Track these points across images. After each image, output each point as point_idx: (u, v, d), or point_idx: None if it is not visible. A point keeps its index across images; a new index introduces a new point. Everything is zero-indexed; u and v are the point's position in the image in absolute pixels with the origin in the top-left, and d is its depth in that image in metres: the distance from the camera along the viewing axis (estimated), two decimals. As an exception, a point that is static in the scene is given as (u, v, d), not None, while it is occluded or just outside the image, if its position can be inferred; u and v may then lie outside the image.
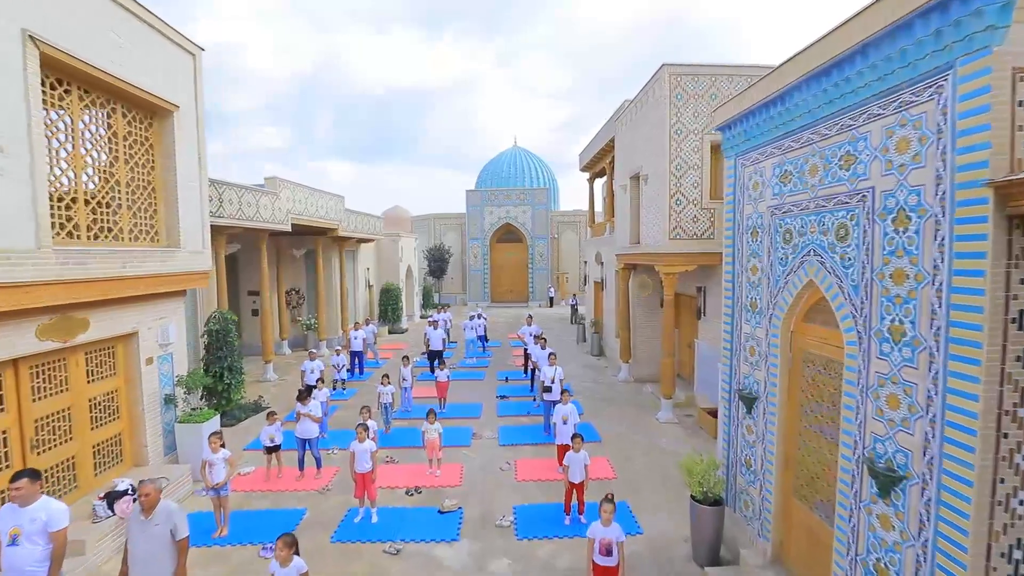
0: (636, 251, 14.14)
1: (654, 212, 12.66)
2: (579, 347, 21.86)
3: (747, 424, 6.78)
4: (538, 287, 38.03)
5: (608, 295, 19.43)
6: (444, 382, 13.17)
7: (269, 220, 15.81)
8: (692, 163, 11.92)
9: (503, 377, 16.61)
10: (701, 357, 13.25)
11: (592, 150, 20.82)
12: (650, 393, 14.80)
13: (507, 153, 43.84)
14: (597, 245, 21.26)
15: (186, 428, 9.47)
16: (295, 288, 22.51)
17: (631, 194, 14.71)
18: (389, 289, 25.84)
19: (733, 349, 7.18)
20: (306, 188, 18.07)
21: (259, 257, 16.98)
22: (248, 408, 13.57)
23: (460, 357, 19.80)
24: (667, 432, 11.81)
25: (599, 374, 17.23)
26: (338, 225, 20.37)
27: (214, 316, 12.98)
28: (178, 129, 9.40)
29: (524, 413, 13.15)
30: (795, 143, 5.65)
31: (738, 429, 7.03)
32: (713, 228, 12.04)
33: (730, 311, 7.26)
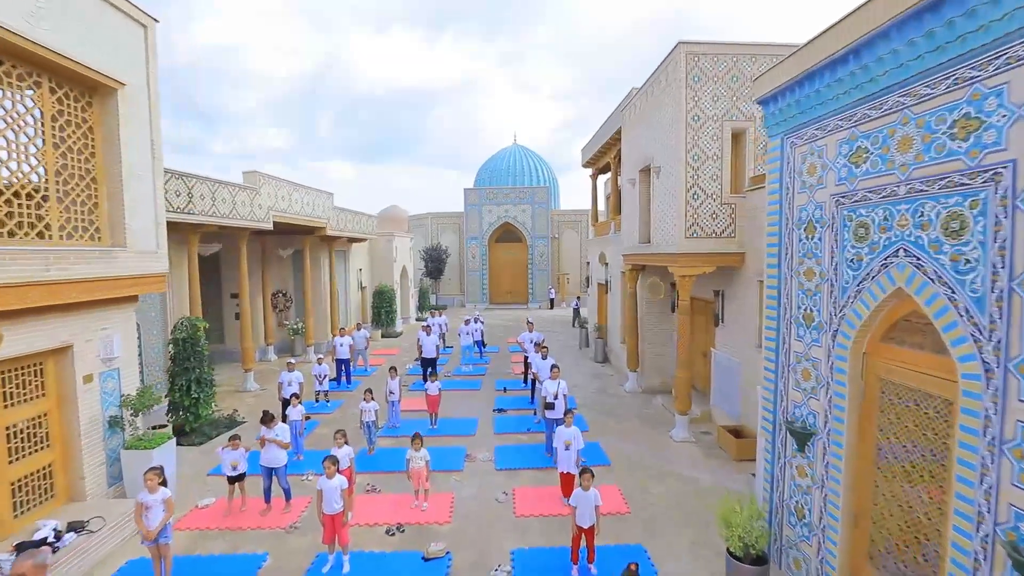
0: (646, 251, 12.80)
1: (668, 208, 11.32)
2: (582, 353, 20.51)
3: (798, 464, 5.45)
4: (538, 288, 36.68)
5: (613, 298, 18.09)
6: (435, 395, 11.83)
7: (247, 218, 14.47)
8: (711, 153, 10.58)
9: (501, 387, 15.27)
10: (718, 368, 11.91)
11: (596, 144, 19.48)
12: (661, 406, 13.46)
13: (507, 151, 42.49)
14: (601, 245, 19.91)
15: (134, 455, 8.12)
16: (282, 290, 21.16)
17: (640, 189, 13.38)
18: (383, 291, 24.49)
19: (779, 371, 5.85)
20: (290, 184, 16.72)
21: (238, 257, 15.62)
22: (221, 423, 12.24)
23: (456, 363, 18.46)
24: (683, 453, 10.47)
25: (604, 383, 15.88)
26: (326, 224, 19.02)
27: (181, 323, 11.63)
28: (124, 110, 8.05)
29: (524, 430, 11.81)
30: (875, 110, 4.32)
31: (785, 469, 5.70)
32: (734, 225, 10.70)
33: (774, 324, 5.92)
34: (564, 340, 23.27)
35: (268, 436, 8.14)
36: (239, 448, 8.12)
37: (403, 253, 27.98)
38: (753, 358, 10.36)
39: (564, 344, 22.33)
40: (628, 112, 14.32)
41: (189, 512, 8.31)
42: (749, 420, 10.56)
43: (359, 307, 24.89)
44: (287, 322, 20.79)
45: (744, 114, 10.62)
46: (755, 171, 10.72)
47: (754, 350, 10.35)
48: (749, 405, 10.57)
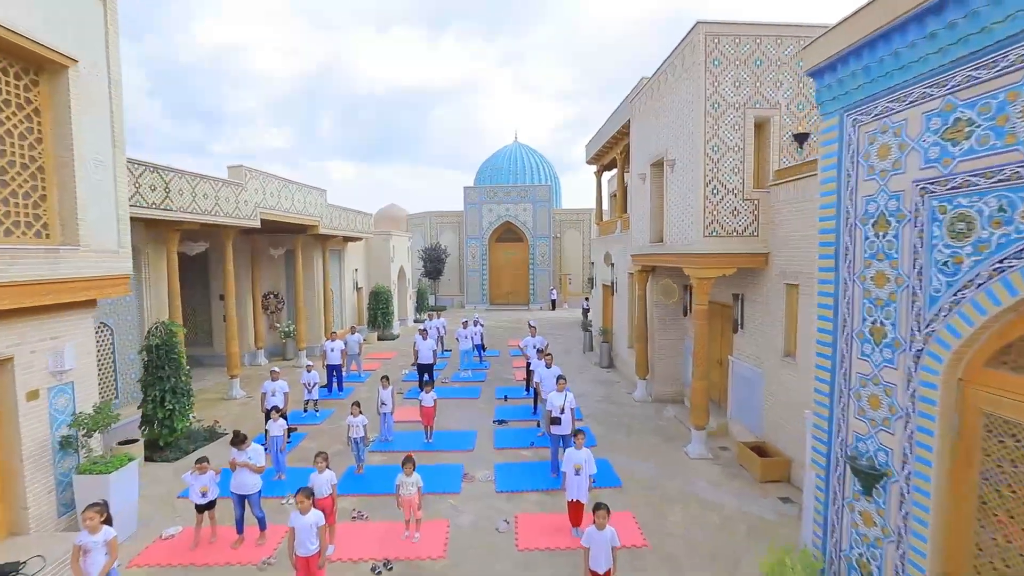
0: (659, 251, 11.81)
1: (683, 204, 10.34)
2: (586, 358, 19.52)
3: (863, 509, 4.47)
4: (539, 289, 35.70)
5: (620, 300, 17.11)
6: (430, 407, 10.85)
7: (232, 215, 13.49)
8: (732, 144, 9.60)
9: (501, 396, 14.28)
10: (737, 378, 10.94)
11: (601, 139, 18.49)
12: (673, 417, 12.48)
13: (507, 149, 41.49)
14: (606, 244, 18.93)
15: (89, 481, 7.14)
16: (273, 292, 20.18)
17: (652, 185, 12.39)
18: (379, 292, 23.52)
19: (834, 394, 4.87)
20: (279, 179, 15.74)
21: (223, 257, 14.64)
22: (200, 436, 11.25)
23: (454, 368, 17.48)
24: (701, 472, 9.49)
25: (611, 391, 14.90)
26: (319, 221, 18.03)
27: (154, 329, 10.65)
28: (76, 91, 7.07)
29: (527, 445, 10.82)
30: (986, 70, 3.34)
31: (843, 513, 4.72)
32: (757, 223, 9.71)
33: (829, 339, 4.94)
34: (567, 343, 22.28)
35: (239, 460, 7.15)
36: (207, 472, 7.14)
37: (401, 253, 27.01)
38: (778, 369, 9.39)
39: (567, 348, 21.34)
40: (638, 102, 13.33)
41: (152, 544, 7.34)
42: (772, 436, 9.59)
43: (355, 309, 23.91)
44: (278, 324, 19.81)
45: (768, 101, 9.63)
46: (780, 163, 9.74)
47: (779, 360, 9.38)
48: (773, 420, 9.60)
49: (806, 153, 9.73)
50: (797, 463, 8.82)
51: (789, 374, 9.10)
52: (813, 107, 9.69)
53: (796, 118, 9.72)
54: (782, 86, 9.63)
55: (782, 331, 9.34)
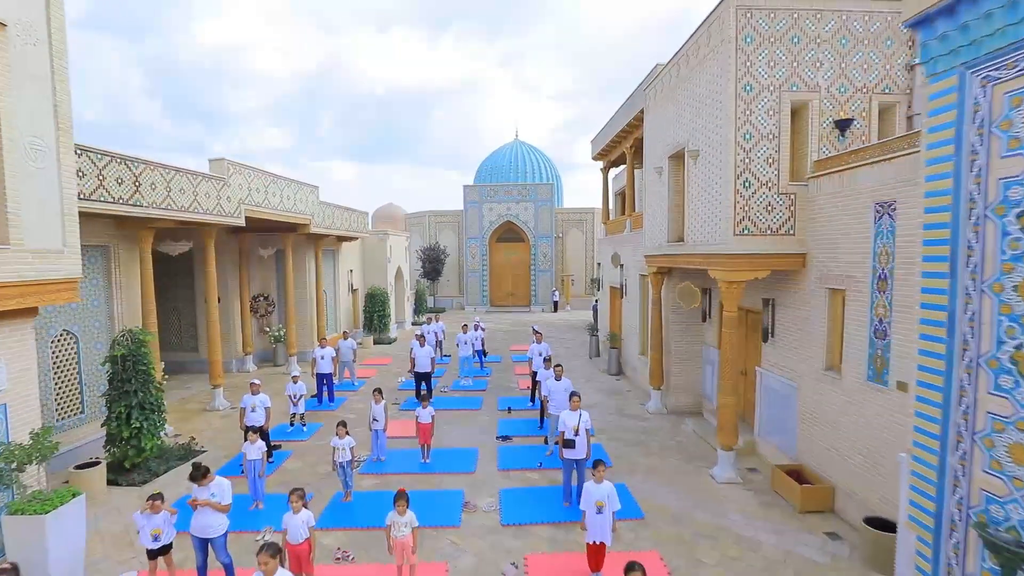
0: (678, 252, 10.68)
1: (709, 200, 9.21)
2: (593, 364, 18.39)
3: (996, 593, 3.35)
4: (541, 290, 34.57)
5: (629, 304, 15.98)
6: (427, 424, 9.72)
7: (213, 212, 12.34)
8: (766, 131, 8.47)
9: (505, 407, 13.15)
10: (767, 392, 9.82)
11: (609, 133, 17.37)
12: (692, 432, 11.36)
13: (508, 147, 40.34)
14: (614, 244, 17.80)
15: (20, 523, 5.99)
16: (263, 294, 19.02)
17: (670, 179, 11.26)
18: (375, 294, 22.38)
19: (948, 438, 3.75)
20: (267, 174, 14.59)
21: (205, 257, 13.49)
22: (174, 454, 10.10)
23: (453, 376, 16.35)
24: (732, 500, 8.36)
25: (622, 402, 13.76)
26: (310, 220, 16.89)
27: (120, 337, 9.50)
28: (4, 60, 5.93)
29: (534, 465, 9.69)
30: None
31: (961, 591, 3.60)
32: (793, 220, 8.59)
33: (941, 365, 3.82)
34: (573, 348, 21.15)
35: (200, 498, 6.02)
36: (161, 511, 5.99)
37: (398, 253, 25.87)
38: (817, 383, 8.27)
39: (572, 352, 20.21)
40: (654, 90, 12.19)
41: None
42: (810, 459, 8.47)
43: (349, 311, 22.77)
44: (268, 329, 18.66)
45: (806, 83, 8.51)
46: (819, 152, 8.61)
47: (819, 374, 8.26)
48: (810, 440, 8.48)
49: (848, 142, 8.60)
50: (842, 491, 7.71)
51: (831, 390, 7.98)
52: (856, 90, 8.58)
53: (837, 102, 8.59)
54: (822, 66, 8.51)
55: (823, 341, 8.21)
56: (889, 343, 6.81)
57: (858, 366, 7.39)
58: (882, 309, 6.92)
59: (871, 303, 7.12)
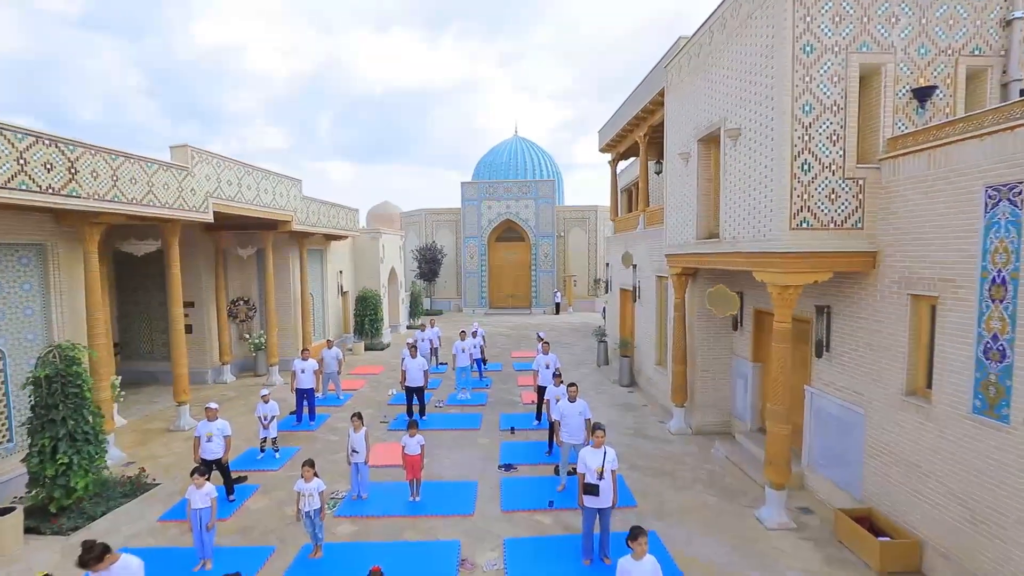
0: (712, 251, 9.07)
1: (754, 188, 7.60)
2: (602, 374, 16.77)
3: None
4: (542, 292, 32.96)
5: (644, 309, 14.37)
6: (415, 455, 8.10)
7: (173, 205, 10.70)
8: (829, 101, 6.87)
9: (507, 427, 11.53)
10: (819, 415, 8.23)
11: (620, 120, 15.76)
12: (725, 459, 9.76)
13: (507, 143, 38.71)
14: (625, 242, 16.20)
15: None
16: (243, 297, 17.37)
17: (699, 166, 9.65)
18: (367, 296, 20.75)
19: None
20: (241, 165, 12.95)
21: (168, 257, 11.85)
22: (116, 492, 8.46)
23: (449, 387, 14.74)
24: (787, 552, 6.76)
25: (640, 420, 12.14)
26: (291, 216, 15.25)
27: (47, 354, 7.87)
28: None
29: (544, 505, 8.07)
30: None
31: None
32: (861, 211, 6.99)
33: None
34: (579, 355, 19.53)
35: (98, 587, 4.39)
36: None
37: (392, 253, 24.24)
38: (894, 410, 6.67)
39: (578, 359, 18.60)
40: (678, 66, 10.58)
41: None
42: (882, 502, 6.88)
43: (339, 315, 21.13)
44: (248, 335, 17.02)
45: (879, 43, 6.92)
46: (894, 129, 7.02)
47: (897, 399, 6.67)
48: (884, 480, 6.88)
49: (929, 115, 7.01)
50: (933, 549, 6.12)
51: (915, 420, 6.39)
52: (939, 52, 6.99)
53: (916, 67, 7.00)
54: (898, 23, 6.91)
55: (902, 360, 6.62)
56: (1010, 367, 5.22)
57: (958, 393, 5.80)
58: (998, 323, 5.33)
59: (980, 315, 5.52)
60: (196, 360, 15.77)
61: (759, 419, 10.31)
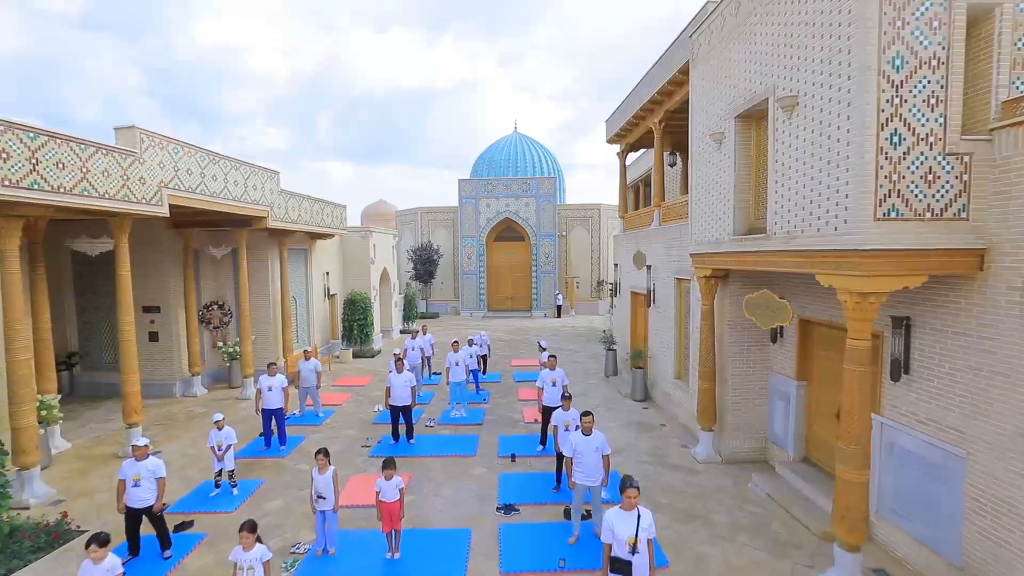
0: (755, 249, 7.42)
1: (819, 168, 5.97)
2: (611, 386, 15.12)
3: None
4: (543, 294, 31.31)
5: (661, 315, 12.73)
6: (393, 504, 6.45)
7: (116, 196, 9.05)
8: (927, 54, 5.24)
9: (507, 453, 9.88)
10: (895, 453, 6.59)
11: (631, 106, 14.13)
12: (767, 497, 8.12)
13: (506, 140, 37.08)
14: (638, 241, 14.57)
15: None
16: (218, 301, 15.71)
17: (737, 148, 8.00)
18: (356, 300, 19.09)
19: None
20: (204, 152, 11.29)
21: (116, 256, 10.18)
22: (20, 549, 6.78)
23: (442, 402, 13.09)
24: (876, 644, 5.12)
25: (658, 444, 10.49)
26: (267, 212, 13.60)
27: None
28: None
29: (554, 567, 6.42)
30: None
31: None
32: (967, 196, 5.36)
33: None
34: (584, 363, 17.88)
35: None
36: None
37: (384, 253, 22.59)
38: (1011, 455, 5.03)
39: (585, 369, 16.95)
40: (708, 32, 8.94)
41: None
42: (993, 572, 5.23)
43: (326, 320, 19.47)
44: (221, 343, 15.36)
45: (990, -21, 5.29)
46: (1013, 88, 5.39)
47: (1016, 440, 5.03)
48: (995, 545, 5.24)
49: (1053, 73, 5.38)
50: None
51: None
52: (1066, -9, 5.35)
53: (1037, 10, 5.37)
54: (1015, -48, 5.29)
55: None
56: None
57: None
58: None
59: None
60: (163, 371, 14.14)
61: (803, 447, 8.68)
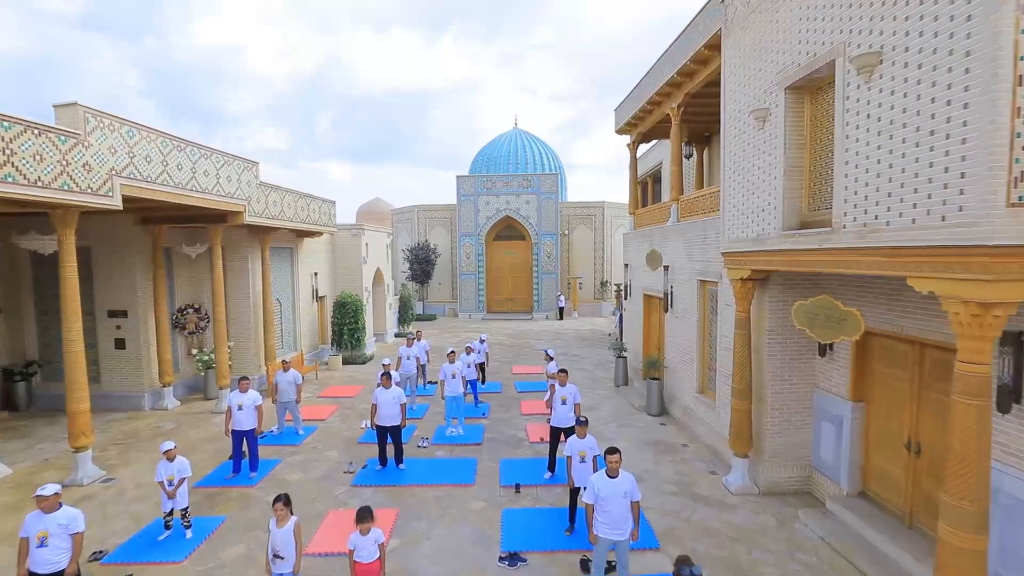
0: (822, 245, 6.04)
1: (917, 140, 4.61)
2: (622, 396, 13.75)
3: None
4: (545, 295, 29.94)
5: (680, 322, 11.37)
6: (371, 564, 5.09)
7: (53, 185, 7.66)
8: (1078, -16, 3.88)
9: (511, 482, 8.51)
10: (1003, 503, 5.23)
11: (646, 90, 12.77)
12: (820, 541, 6.76)
13: (506, 136, 35.71)
14: (652, 239, 13.22)
15: None
16: (193, 304, 14.33)
17: (788, 123, 6.64)
18: (346, 302, 17.70)
19: None
20: (167, 137, 9.89)
21: (61, 254, 8.79)
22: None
23: (436, 417, 11.73)
24: None
25: (683, 469, 9.12)
26: (244, 206, 12.21)
27: None
28: None
29: (572, 644, 5.06)
30: None
31: None
32: (1124, 175, 4.00)
33: None
34: (590, 370, 16.53)
35: None
36: None
37: (378, 252, 21.21)
38: None
39: (592, 377, 15.59)
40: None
41: None
42: None
43: (314, 325, 18.09)
44: (196, 351, 13.97)
45: None
46: None
47: None
48: None
49: None
50: None
51: None
52: None
53: None
54: None
55: None
56: None
57: None
58: None
59: None
60: (130, 382, 12.77)
61: (859, 480, 7.33)
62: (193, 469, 7.40)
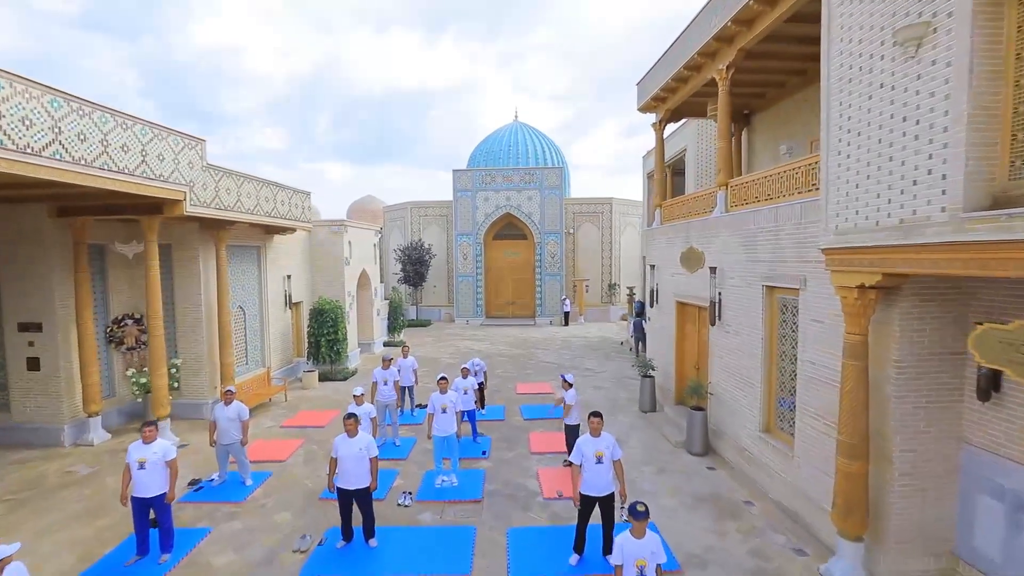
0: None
1: None
2: (650, 425, 11.19)
3: None
4: (548, 299, 27.38)
5: (733, 337, 8.80)
6: None
7: None
8: None
9: (524, 572, 5.94)
10: None
11: (681, 54, 10.24)
12: None
13: (506, 129, 33.17)
14: (689, 234, 10.67)
15: None
16: (133, 315, 11.73)
17: (975, 41, 4.14)
18: (324, 309, 15.11)
19: None
20: (56, 95, 7.27)
21: None
22: None
23: (423, 461, 9.16)
24: None
25: (757, 547, 6.55)
26: (183, 193, 9.62)
27: None
28: None
29: None
30: None
31: None
32: None
33: None
34: (608, 388, 13.97)
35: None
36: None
37: (363, 252, 18.62)
38: None
39: (610, 397, 13.03)
40: None
41: None
42: None
43: (287, 336, 15.49)
44: (133, 372, 11.37)
45: None
46: None
47: None
48: None
49: None
50: None
51: None
52: None
53: None
54: None
55: None
56: None
57: None
58: None
59: None
60: (45, 411, 10.20)
61: None
62: (85, 550, 4.84)
